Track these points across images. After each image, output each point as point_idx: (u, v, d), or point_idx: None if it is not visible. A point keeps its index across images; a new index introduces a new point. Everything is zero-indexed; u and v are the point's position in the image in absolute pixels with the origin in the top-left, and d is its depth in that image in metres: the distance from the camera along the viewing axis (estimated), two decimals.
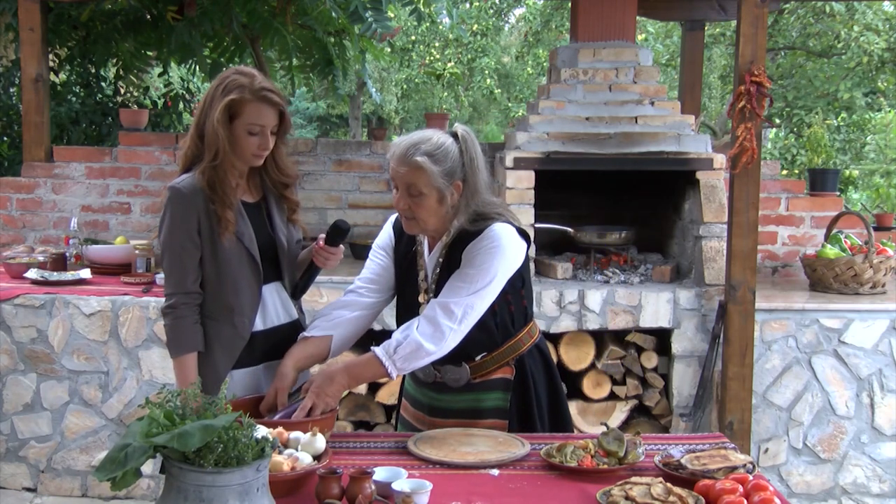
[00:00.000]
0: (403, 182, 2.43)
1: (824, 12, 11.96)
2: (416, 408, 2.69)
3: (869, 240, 4.54)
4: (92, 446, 4.34)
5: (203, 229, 2.51)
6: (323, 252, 2.62)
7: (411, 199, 2.44)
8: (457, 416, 2.57)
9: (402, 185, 2.44)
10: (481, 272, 2.42)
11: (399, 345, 2.41)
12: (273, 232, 2.63)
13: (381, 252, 2.69)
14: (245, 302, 2.56)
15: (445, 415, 2.59)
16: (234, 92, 2.46)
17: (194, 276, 2.53)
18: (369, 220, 5.40)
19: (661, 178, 4.80)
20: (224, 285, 2.54)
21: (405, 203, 2.45)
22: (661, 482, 2.01)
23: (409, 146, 2.42)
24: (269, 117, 2.50)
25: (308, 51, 6.22)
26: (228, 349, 2.56)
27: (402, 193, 2.45)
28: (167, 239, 2.52)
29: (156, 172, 5.35)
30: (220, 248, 2.51)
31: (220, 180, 2.49)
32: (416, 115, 17.81)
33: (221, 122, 2.45)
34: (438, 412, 2.61)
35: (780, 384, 4.34)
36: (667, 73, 13.23)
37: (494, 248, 2.43)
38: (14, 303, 4.28)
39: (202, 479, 1.63)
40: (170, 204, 2.51)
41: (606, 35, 4.84)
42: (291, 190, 2.69)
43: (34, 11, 5.21)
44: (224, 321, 2.56)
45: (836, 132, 11.92)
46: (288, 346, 2.60)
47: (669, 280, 4.62)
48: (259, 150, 2.51)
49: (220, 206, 2.48)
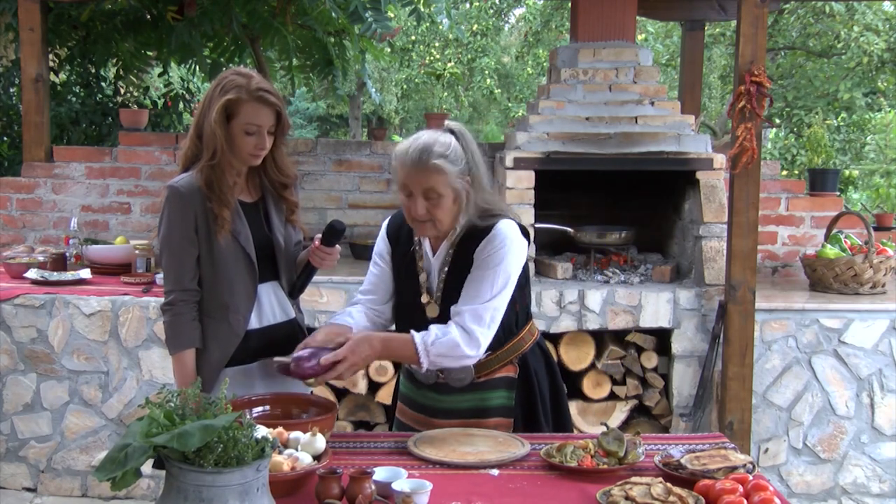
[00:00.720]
0: (421, 187, 2.40)
1: (824, 12, 11.96)
2: (417, 410, 2.67)
3: (869, 240, 4.54)
4: (92, 446, 4.34)
5: (200, 228, 2.53)
6: (319, 252, 2.63)
7: (429, 203, 2.42)
8: (462, 417, 2.57)
9: (419, 190, 2.41)
10: (498, 273, 2.43)
11: (437, 339, 2.40)
12: (270, 232, 2.65)
13: (377, 260, 2.67)
14: (240, 300, 2.58)
15: (450, 415, 2.58)
16: (231, 92, 2.48)
17: (192, 274, 2.56)
18: (369, 220, 5.40)
19: (661, 178, 4.80)
20: (220, 283, 2.57)
21: (423, 207, 2.42)
22: (661, 482, 2.01)
23: (422, 151, 2.39)
24: (266, 117, 2.51)
25: (308, 51, 6.22)
26: (223, 346, 2.59)
27: (418, 198, 2.41)
28: (165, 237, 2.56)
29: (156, 172, 5.35)
30: (216, 247, 2.54)
31: (217, 179, 2.51)
32: (416, 115, 17.81)
33: (219, 122, 2.48)
34: (442, 413, 2.59)
35: (780, 384, 4.34)
36: (667, 73, 13.24)
37: (506, 248, 2.44)
38: (14, 303, 4.28)
39: (202, 479, 1.63)
40: (168, 203, 2.55)
41: (606, 35, 4.84)
42: (290, 190, 2.70)
43: (34, 11, 5.21)
44: (220, 319, 2.58)
45: (836, 132, 11.92)
46: (283, 345, 2.62)
47: (669, 280, 4.62)
48: (256, 150, 2.53)
49: (217, 205, 2.51)
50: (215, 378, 2.56)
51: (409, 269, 2.60)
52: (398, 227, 2.65)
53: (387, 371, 4.51)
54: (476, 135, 18.92)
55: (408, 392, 2.71)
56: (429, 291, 2.56)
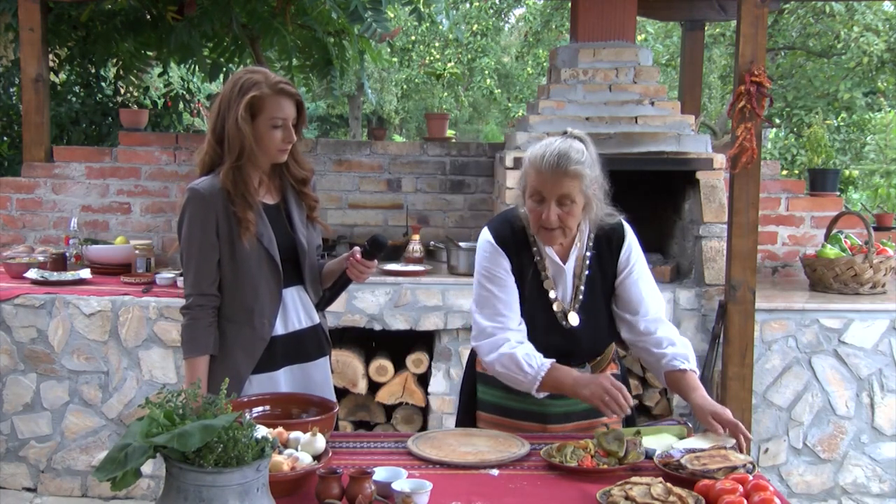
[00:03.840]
0: (557, 193, 2.38)
1: (824, 12, 11.96)
2: (521, 419, 2.57)
3: (869, 240, 4.54)
4: (92, 446, 4.34)
5: (222, 231, 2.50)
6: (359, 265, 2.59)
7: (562, 209, 2.40)
8: (579, 419, 2.57)
9: (554, 197, 2.38)
10: (646, 265, 2.62)
11: (686, 346, 2.56)
12: (293, 233, 2.62)
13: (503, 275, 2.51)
14: (265, 304, 2.55)
15: (567, 419, 2.57)
16: (252, 89, 2.47)
17: (211, 279, 2.53)
18: (369, 220, 5.41)
19: (661, 178, 4.80)
20: (243, 287, 2.53)
21: (555, 214, 2.39)
22: (661, 482, 2.01)
23: (560, 157, 2.37)
24: (290, 109, 2.53)
25: (308, 51, 6.22)
26: (249, 351, 2.55)
27: (551, 205, 2.39)
28: (186, 240, 2.53)
29: (156, 172, 5.35)
30: (239, 250, 2.50)
31: (242, 181, 2.49)
32: (416, 115, 17.81)
33: (245, 120, 2.46)
34: (558, 418, 2.56)
35: (780, 384, 4.34)
36: (667, 73, 13.23)
37: (636, 241, 2.60)
38: (14, 303, 4.28)
39: (202, 479, 1.63)
40: (188, 205, 2.52)
41: (606, 35, 4.84)
42: (310, 186, 2.69)
43: (34, 11, 5.21)
44: (244, 323, 2.55)
45: (836, 132, 11.91)
46: (309, 351, 2.65)
47: (669, 280, 4.62)
48: (284, 144, 2.53)
49: (240, 208, 2.48)
50: (242, 384, 2.53)
51: (535, 281, 2.53)
52: (511, 238, 2.54)
53: (387, 371, 4.51)
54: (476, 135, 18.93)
55: (501, 401, 2.61)
56: (561, 300, 2.54)
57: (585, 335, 2.55)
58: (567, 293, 2.54)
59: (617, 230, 2.57)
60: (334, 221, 5.37)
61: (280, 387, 2.60)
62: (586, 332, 2.54)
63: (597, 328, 2.57)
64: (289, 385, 2.61)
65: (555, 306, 2.53)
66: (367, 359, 4.60)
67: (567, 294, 2.54)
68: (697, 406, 2.43)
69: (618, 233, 2.57)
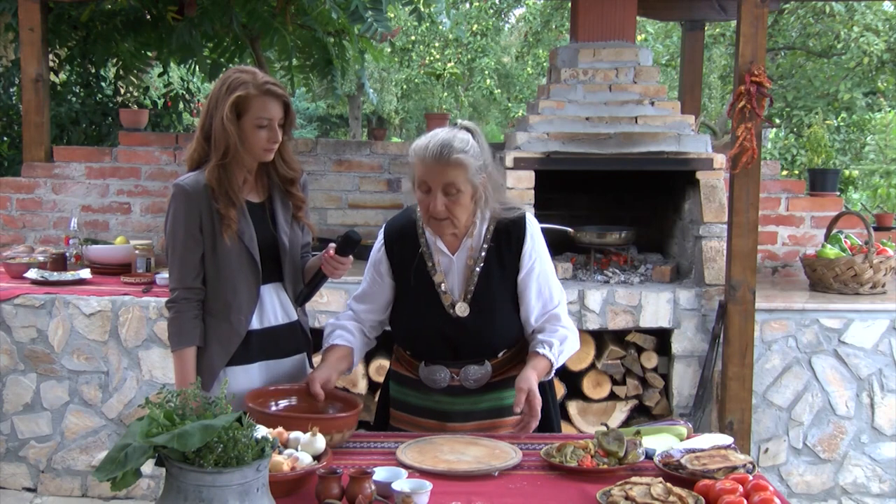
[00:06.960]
0: (441, 182, 2.41)
1: (824, 12, 11.96)
2: (426, 416, 2.61)
3: (869, 240, 4.54)
4: (92, 446, 4.34)
5: (205, 226, 2.55)
6: (333, 261, 2.61)
7: (448, 199, 2.42)
8: (479, 418, 2.56)
9: (439, 186, 2.41)
10: (550, 260, 2.60)
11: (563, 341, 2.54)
12: (276, 232, 2.65)
13: (373, 270, 2.66)
14: (242, 300, 2.59)
15: (467, 418, 2.56)
16: (239, 89, 2.50)
17: (195, 273, 2.58)
18: (369, 220, 5.40)
19: (661, 178, 4.80)
20: (223, 283, 2.58)
21: (442, 204, 2.42)
22: (661, 482, 2.01)
23: (442, 146, 2.40)
24: (276, 110, 2.54)
25: (308, 51, 6.22)
26: (224, 345, 2.60)
27: (437, 195, 2.41)
28: (171, 235, 2.58)
29: (156, 172, 5.35)
30: (220, 246, 2.55)
31: (227, 179, 2.53)
32: (416, 115, 17.80)
33: (230, 119, 2.49)
34: (459, 416, 2.56)
35: (780, 384, 4.34)
36: (667, 73, 13.23)
37: (541, 236, 2.57)
38: (14, 303, 4.28)
39: (202, 479, 1.63)
40: (174, 201, 2.57)
41: (606, 35, 4.84)
42: (297, 186, 2.70)
43: (34, 11, 5.21)
44: (221, 318, 2.60)
45: (836, 132, 11.91)
46: (284, 346, 2.68)
47: (669, 280, 4.62)
48: (269, 144, 2.55)
49: (223, 205, 2.52)
50: (215, 377, 2.58)
51: (420, 271, 2.57)
52: (399, 231, 2.63)
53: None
54: None
55: (408, 398, 2.65)
56: (450, 291, 2.55)
57: (474, 327, 2.53)
58: (456, 284, 2.55)
59: (518, 224, 2.54)
60: (334, 221, 5.37)
61: (255, 381, 2.63)
62: (476, 323, 2.52)
63: (489, 321, 2.54)
64: (263, 379, 2.64)
65: (443, 297, 2.54)
66: (367, 359, 4.60)
67: (456, 285, 2.55)
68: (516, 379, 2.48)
69: (519, 227, 2.54)
